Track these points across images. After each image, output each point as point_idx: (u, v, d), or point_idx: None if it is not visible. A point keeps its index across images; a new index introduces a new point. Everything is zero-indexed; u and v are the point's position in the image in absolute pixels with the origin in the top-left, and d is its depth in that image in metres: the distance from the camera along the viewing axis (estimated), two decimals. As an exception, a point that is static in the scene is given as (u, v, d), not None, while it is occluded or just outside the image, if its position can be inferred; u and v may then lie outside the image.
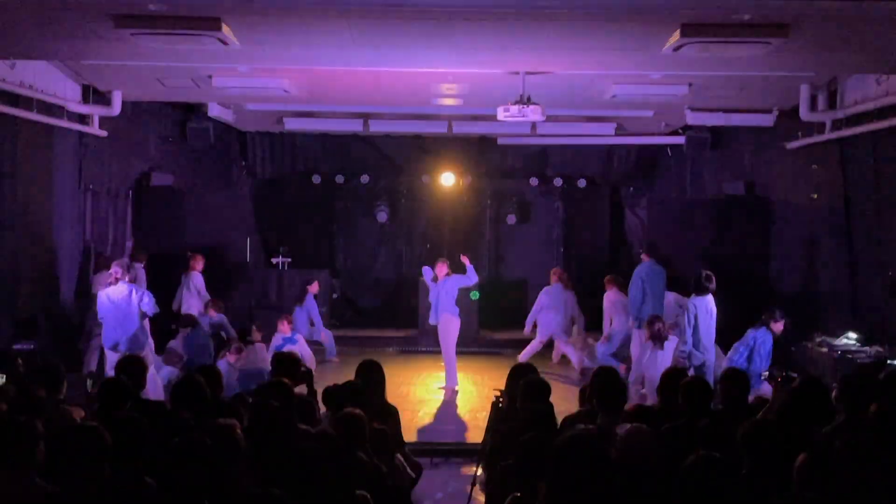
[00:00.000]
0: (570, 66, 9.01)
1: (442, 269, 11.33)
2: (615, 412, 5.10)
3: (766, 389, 7.87)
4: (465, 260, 11.46)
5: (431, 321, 11.46)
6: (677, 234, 13.09)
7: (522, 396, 5.58)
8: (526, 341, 12.73)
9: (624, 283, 11.63)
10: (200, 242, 12.98)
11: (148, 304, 9.39)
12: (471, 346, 13.58)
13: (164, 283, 12.62)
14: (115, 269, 9.49)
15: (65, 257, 11.08)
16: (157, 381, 9.37)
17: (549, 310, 12.47)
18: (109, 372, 8.82)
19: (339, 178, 16.06)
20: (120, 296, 9.29)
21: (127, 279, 9.41)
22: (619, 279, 11.99)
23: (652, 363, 9.50)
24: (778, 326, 9.05)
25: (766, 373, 6.84)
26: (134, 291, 9.35)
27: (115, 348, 9.26)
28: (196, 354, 10.20)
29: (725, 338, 9.94)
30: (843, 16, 6.75)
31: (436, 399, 10.56)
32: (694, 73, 9.43)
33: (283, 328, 11.92)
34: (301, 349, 11.53)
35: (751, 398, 6.22)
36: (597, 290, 12.64)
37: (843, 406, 5.18)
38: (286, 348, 11.06)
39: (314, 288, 13.18)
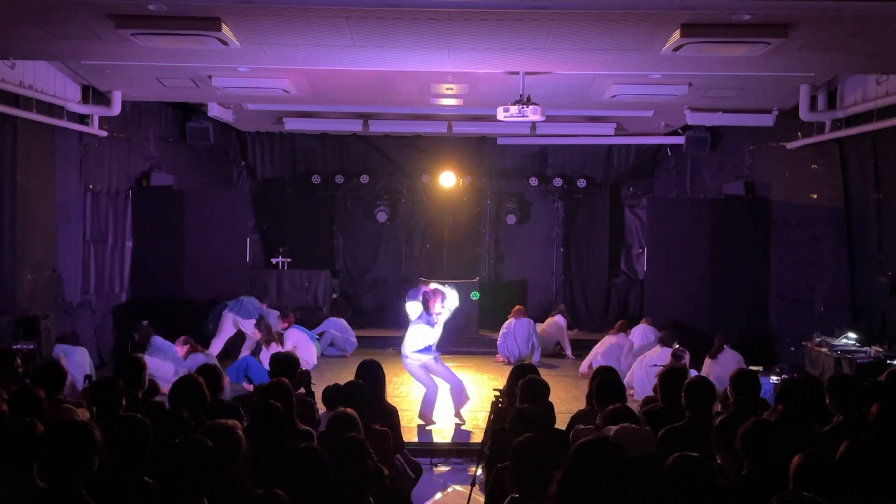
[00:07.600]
0: (570, 66, 9.01)
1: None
2: (614, 412, 5.08)
3: None
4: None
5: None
6: (677, 234, 13.08)
7: (522, 397, 5.58)
8: None
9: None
10: (200, 242, 12.98)
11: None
12: (470, 346, 13.60)
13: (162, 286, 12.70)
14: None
15: (65, 257, 11.07)
16: None
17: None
18: None
19: (339, 178, 16.04)
20: None
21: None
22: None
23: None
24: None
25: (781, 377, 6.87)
26: None
27: None
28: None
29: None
30: (843, 16, 6.76)
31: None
32: (694, 73, 9.43)
33: None
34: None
35: None
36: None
37: (834, 408, 5.18)
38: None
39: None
